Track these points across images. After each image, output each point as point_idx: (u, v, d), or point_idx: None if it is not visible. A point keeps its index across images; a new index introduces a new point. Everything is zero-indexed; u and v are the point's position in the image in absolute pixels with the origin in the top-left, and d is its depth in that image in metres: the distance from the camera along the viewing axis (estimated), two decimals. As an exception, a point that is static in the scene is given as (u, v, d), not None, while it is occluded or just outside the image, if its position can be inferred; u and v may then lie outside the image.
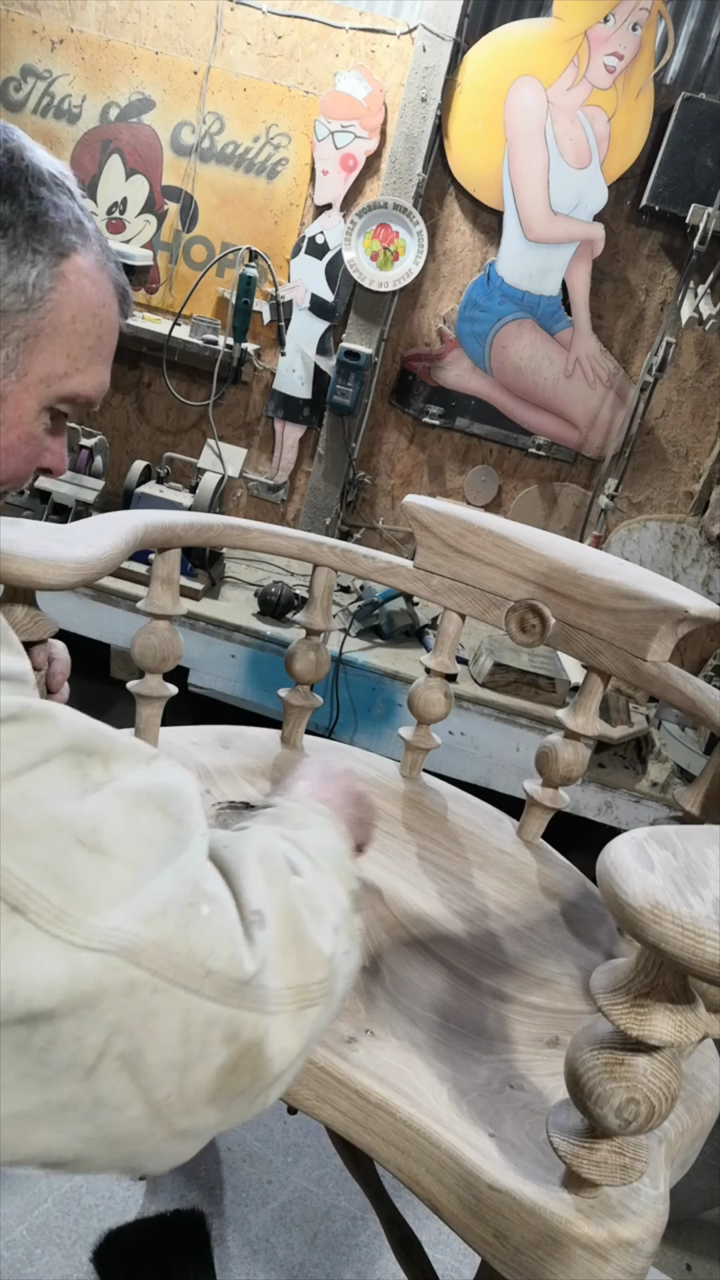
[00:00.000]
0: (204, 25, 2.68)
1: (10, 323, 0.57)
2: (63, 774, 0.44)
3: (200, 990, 0.44)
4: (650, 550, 2.94)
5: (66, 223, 0.59)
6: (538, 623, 1.09)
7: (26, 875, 0.40)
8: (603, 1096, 0.55)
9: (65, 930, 0.40)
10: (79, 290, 0.60)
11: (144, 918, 0.43)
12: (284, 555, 1.21)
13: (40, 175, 0.58)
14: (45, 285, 0.58)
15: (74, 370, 0.62)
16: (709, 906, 0.46)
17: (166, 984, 0.43)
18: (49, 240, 0.58)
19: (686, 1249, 1.72)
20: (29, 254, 0.57)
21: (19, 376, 0.59)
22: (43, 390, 0.61)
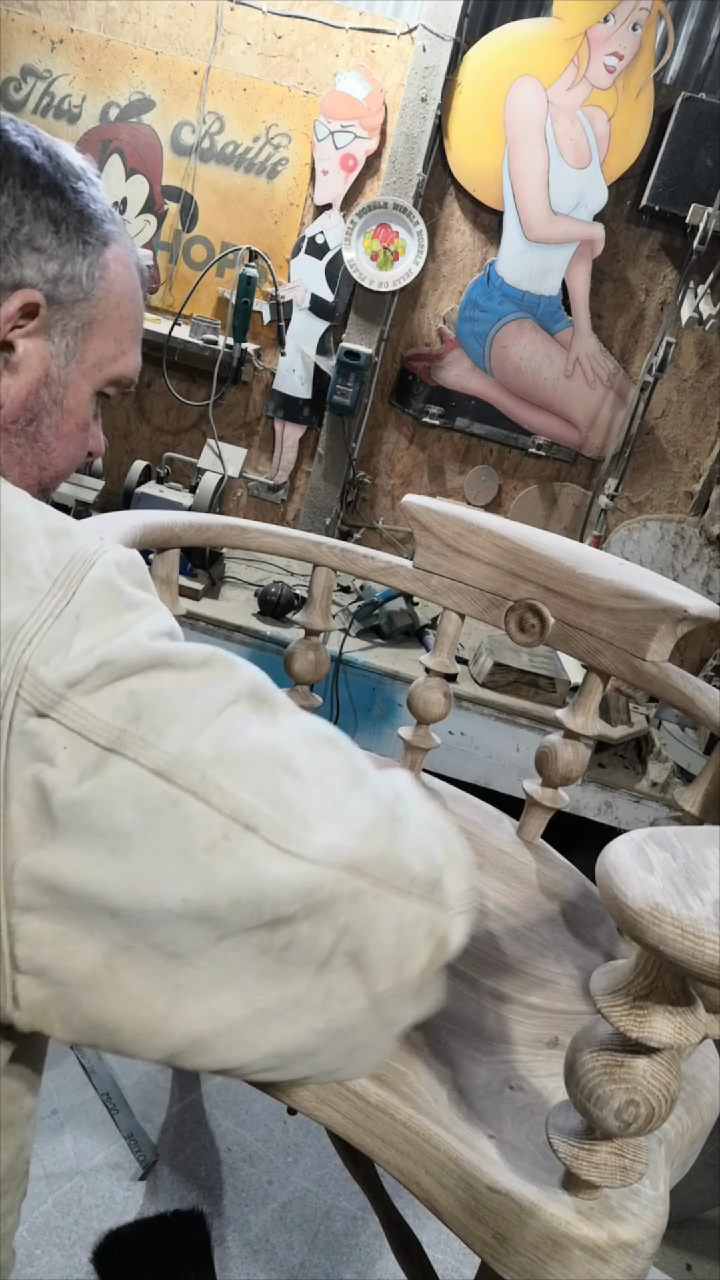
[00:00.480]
0: (204, 25, 2.68)
1: (69, 313, 0.60)
2: (249, 713, 0.49)
3: (410, 891, 0.51)
4: (650, 550, 2.94)
5: (105, 213, 0.62)
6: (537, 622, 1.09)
7: (252, 798, 0.45)
8: (602, 1098, 0.55)
9: (294, 845, 0.46)
10: (120, 277, 0.63)
11: (359, 834, 0.48)
12: (283, 555, 1.20)
13: (76, 170, 0.61)
14: (96, 275, 0.61)
15: (120, 353, 0.65)
16: (709, 908, 0.46)
17: (385, 889, 0.49)
18: (96, 232, 0.61)
19: (686, 1249, 1.72)
20: (80, 246, 0.60)
21: (78, 363, 0.62)
22: (96, 375, 0.64)
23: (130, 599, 0.49)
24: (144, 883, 0.44)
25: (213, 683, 0.48)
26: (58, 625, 0.45)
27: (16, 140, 0.58)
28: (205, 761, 0.45)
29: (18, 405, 0.60)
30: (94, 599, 0.47)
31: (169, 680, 0.46)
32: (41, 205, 0.58)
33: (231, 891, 0.44)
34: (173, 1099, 1.75)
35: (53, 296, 0.59)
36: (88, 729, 0.43)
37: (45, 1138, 1.59)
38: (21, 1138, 0.59)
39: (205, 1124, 1.71)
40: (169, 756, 0.44)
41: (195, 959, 0.45)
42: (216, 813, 0.45)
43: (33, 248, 0.57)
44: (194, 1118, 1.72)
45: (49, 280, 0.58)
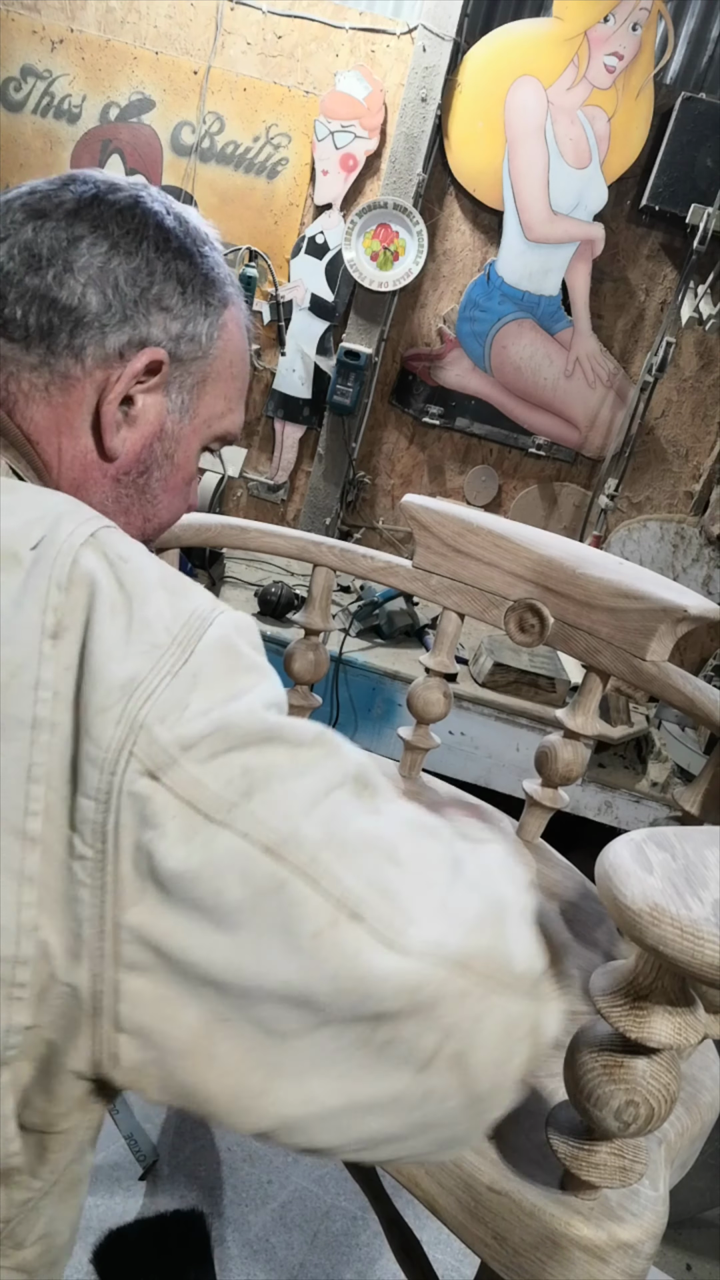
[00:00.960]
0: (204, 25, 2.68)
1: (186, 370, 0.63)
2: (354, 797, 0.48)
3: (516, 989, 0.49)
4: (650, 550, 2.94)
5: (225, 277, 0.65)
6: (537, 622, 1.09)
7: (359, 886, 0.45)
8: (602, 1098, 0.55)
9: (399, 938, 0.45)
10: (234, 337, 0.66)
11: (466, 928, 0.47)
12: (283, 555, 1.20)
13: (203, 236, 0.64)
14: (214, 335, 0.64)
15: (228, 410, 0.68)
16: (708, 909, 0.46)
17: (492, 987, 0.48)
18: (217, 294, 0.64)
19: (686, 1249, 1.72)
20: (203, 307, 0.63)
21: (190, 419, 0.65)
22: (205, 430, 0.66)
23: (248, 661, 0.49)
24: (247, 960, 0.43)
25: (323, 762, 0.48)
26: (175, 683, 0.45)
27: (151, 206, 0.61)
28: (315, 844, 0.44)
29: (132, 458, 0.62)
30: (212, 659, 0.47)
31: (282, 757, 0.46)
32: (172, 268, 0.61)
33: (336, 981, 0.44)
34: (172, 1099, 1.75)
35: (174, 354, 0.61)
36: (198, 800, 0.43)
37: (45, 1138, 1.60)
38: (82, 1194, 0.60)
39: (205, 1124, 1.71)
40: (279, 835, 0.44)
41: (294, 1040, 0.45)
42: (324, 899, 0.44)
43: (161, 307, 0.60)
44: (194, 1117, 1.72)
45: (173, 339, 0.61)
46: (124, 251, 0.59)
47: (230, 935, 0.43)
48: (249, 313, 0.71)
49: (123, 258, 0.59)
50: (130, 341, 0.59)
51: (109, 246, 0.58)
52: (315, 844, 0.44)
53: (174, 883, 0.43)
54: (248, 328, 0.70)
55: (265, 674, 0.49)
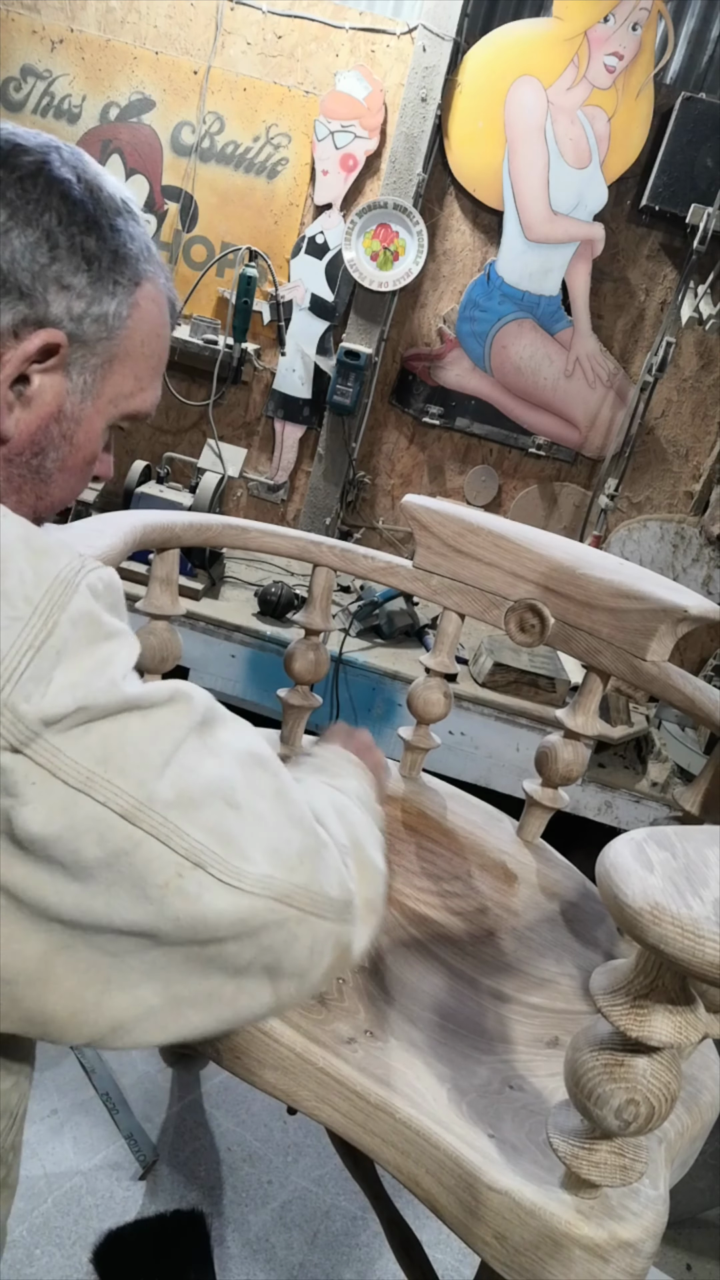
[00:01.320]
0: (204, 25, 2.68)
1: (91, 351, 0.60)
2: (201, 745, 0.53)
3: (325, 915, 0.57)
4: (650, 550, 2.94)
5: (140, 251, 0.62)
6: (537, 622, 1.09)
7: (203, 836, 0.50)
8: (602, 1097, 0.55)
9: (233, 878, 0.51)
10: (148, 315, 0.63)
11: (288, 866, 0.55)
12: (283, 555, 1.20)
13: (117, 205, 0.60)
14: (123, 314, 0.61)
15: (139, 389, 0.65)
16: (708, 908, 0.46)
17: (305, 915, 0.56)
18: (128, 271, 0.60)
19: (686, 1249, 1.72)
20: (111, 285, 0.59)
21: (93, 400, 0.62)
22: (110, 410, 0.64)
23: (108, 628, 0.51)
24: (97, 904, 0.47)
25: (173, 720, 0.51)
26: (39, 660, 0.46)
27: (59, 173, 0.57)
28: (166, 804, 0.49)
29: (25, 439, 0.60)
30: (74, 633, 0.48)
31: (136, 723, 0.49)
32: (76, 243, 0.57)
33: (178, 920, 0.49)
34: (172, 1099, 1.75)
35: (76, 335, 0.58)
36: (59, 768, 0.46)
37: (45, 1137, 1.59)
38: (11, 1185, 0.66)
39: (205, 1124, 1.71)
40: (135, 800, 0.48)
41: (128, 958, 0.50)
42: (173, 853, 0.49)
43: (61, 285, 0.57)
44: (194, 1117, 1.72)
45: (74, 319, 0.58)
46: (22, 222, 0.55)
47: (82, 884, 0.47)
48: (170, 283, 0.68)
49: (20, 229, 0.55)
50: (26, 320, 0.56)
51: (6, 217, 0.55)
52: (165, 804, 0.49)
53: (33, 844, 0.45)
54: (172, 302, 0.68)
55: (123, 639, 0.52)
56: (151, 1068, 1.79)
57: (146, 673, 1.12)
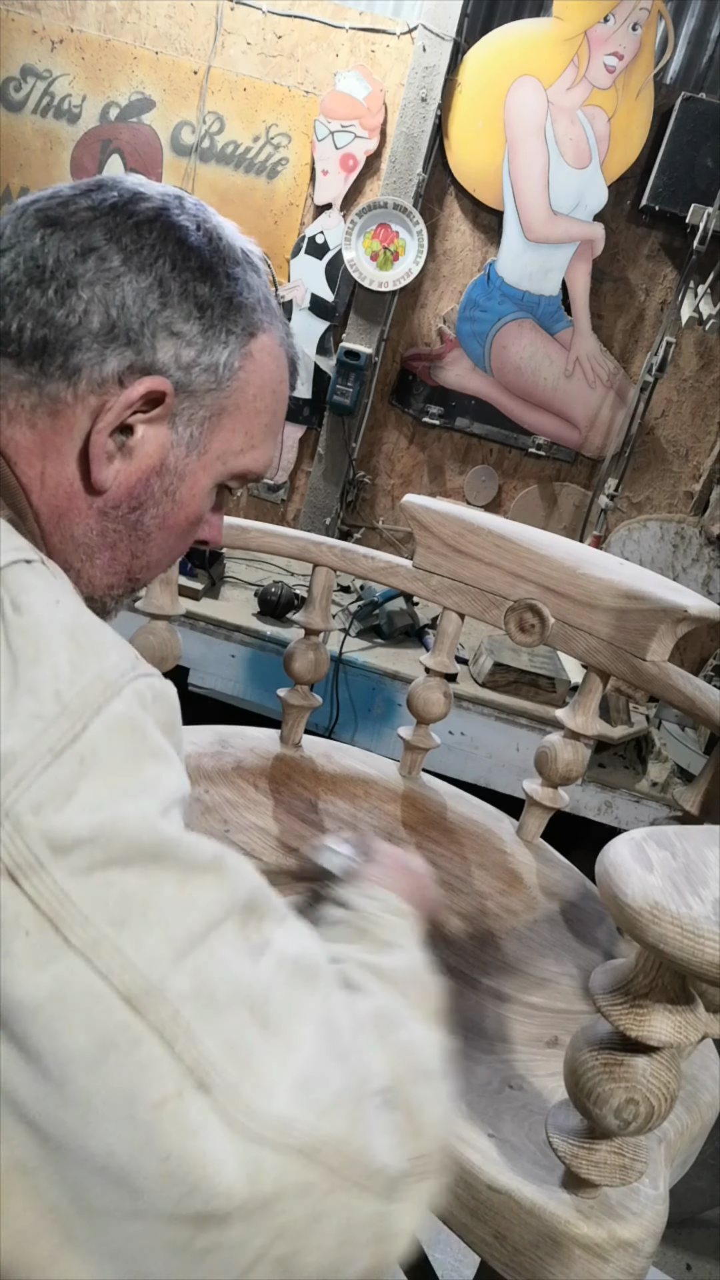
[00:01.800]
0: (204, 25, 2.68)
1: (199, 402, 0.57)
2: (242, 936, 0.43)
3: (367, 1186, 0.43)
4: (650, 550, 2.94)
5: (258, 302, 0.59)
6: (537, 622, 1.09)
7: (214, 1050, 0.39)
8: (602, 1097, 0.55)
9: (244, 1114, 0.39)
10: (262, 368, 0.60)
11: (319, 1109, 0.41)
12: (283, 555, 1.20)
13: (235, 255, 0.58)
14: (235, 365, 0.57)
15: (249, 447, 0.61)
16: (708, 907, 0.46)
17: (340, 1182, 0.41)
18: (242, 320, 0.57)
19: (686, 1249, 1.72)
20: (223, 334, 0.56)
21: (199, 454, 0.58)
22: (218, 467, 0.60)
23: (153, 745, 0.42)
24: (72, 1116, 0.37)
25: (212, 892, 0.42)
26: (58, 766, 0.38)
27: (177, 219, 0.55)
28: (180, 997, 0.39)
29: (124, 491, 0.56)
30: (109, 740, 0.40)
31: (169, 883, 0.40)
32: (189, 289, 0.55)
33: (167, 1163, 0.37)
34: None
35: (183, 384, 0.55)
36: (61, 918, 0.37)
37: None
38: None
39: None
40: (144, 984, 0.38)
41: (100, 1218, 0.38)
42: (175, 1063, 0.38)
43: (171, 332, 0.54)
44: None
45: (182, 367, 0.55)
46: (136, 268, 0.53)
47: (59, 1087, 0.37)
48: (290, 339, 0.64)
49: (133, 275, 0.53)
50: (132, 367, 0.53)
51: (121, 261, 0.53)
52: (180, 997, 0.39)
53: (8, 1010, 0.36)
54: (291, 358, 0.64)
55: (170, 763, 0.43)
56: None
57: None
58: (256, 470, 0.62)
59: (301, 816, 1.12)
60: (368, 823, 1.13)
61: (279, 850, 1.02)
